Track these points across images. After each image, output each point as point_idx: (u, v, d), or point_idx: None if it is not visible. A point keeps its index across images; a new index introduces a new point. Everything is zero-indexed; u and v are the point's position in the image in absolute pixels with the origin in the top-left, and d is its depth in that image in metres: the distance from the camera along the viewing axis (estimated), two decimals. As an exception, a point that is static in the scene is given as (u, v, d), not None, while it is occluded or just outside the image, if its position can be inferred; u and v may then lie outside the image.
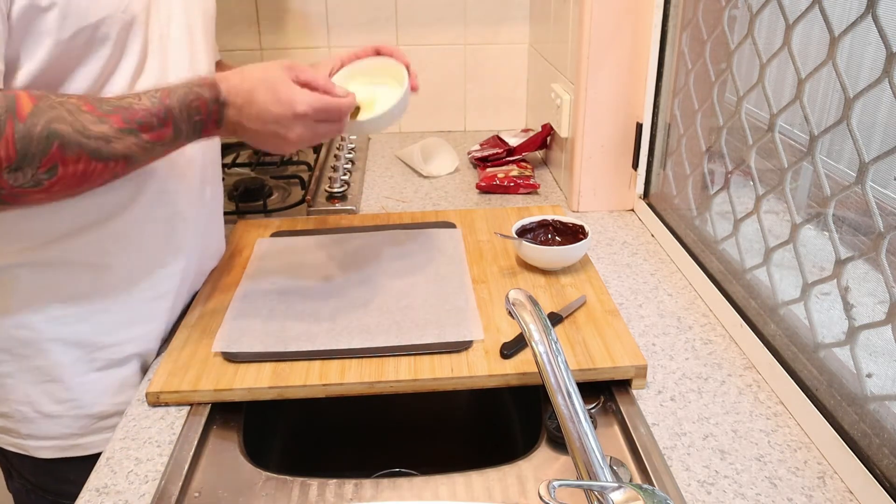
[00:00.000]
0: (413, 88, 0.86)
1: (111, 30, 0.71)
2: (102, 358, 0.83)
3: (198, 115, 0.71)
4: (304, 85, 0.74)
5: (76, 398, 0.83)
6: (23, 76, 0.67)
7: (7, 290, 0.78)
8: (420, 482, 0.71)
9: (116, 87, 0.74)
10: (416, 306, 0.92)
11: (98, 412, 0.85)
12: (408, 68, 0.87)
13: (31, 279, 0.78)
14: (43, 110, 0.62)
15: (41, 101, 0.63)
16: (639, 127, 1.21)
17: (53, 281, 0.78)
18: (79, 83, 0.71)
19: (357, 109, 0.84)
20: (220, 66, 1.01)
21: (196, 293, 0.97)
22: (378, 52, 0.91)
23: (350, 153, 1.52)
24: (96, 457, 0.74)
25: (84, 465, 0.76)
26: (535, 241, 1.05)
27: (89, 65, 0.71)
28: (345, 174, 1.40)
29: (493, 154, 1.46)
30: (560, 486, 0.53)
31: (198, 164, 0.88)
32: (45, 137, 0.61)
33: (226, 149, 1.55)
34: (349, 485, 0.70)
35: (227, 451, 0.75)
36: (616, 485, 0.54)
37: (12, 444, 0.86)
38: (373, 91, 0.86)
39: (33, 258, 0.77)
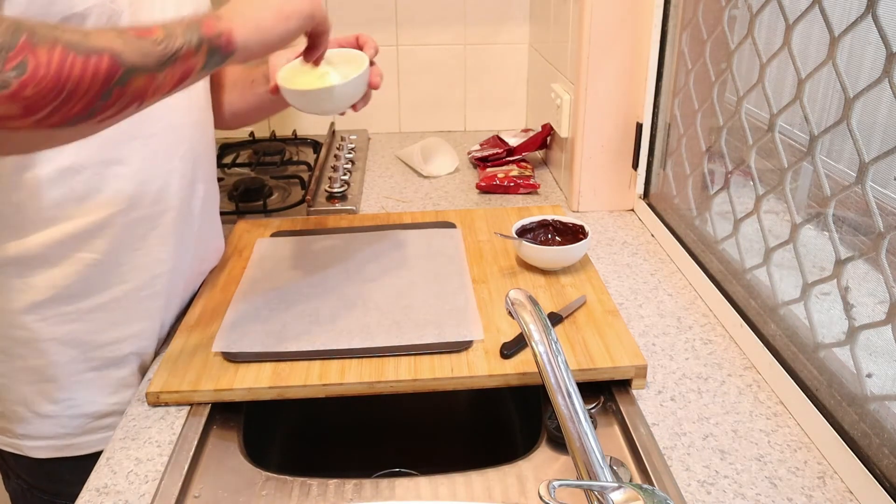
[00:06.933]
0: (373, 85, 0.85)
1: (99, 20, 0.70)
2: (98, 357, 0.83)
3: (186, 20, 0.61)
4: None
5: (72, 398, 0.83)
6: None
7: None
8: (420, 482, 0.71)
9: None
10: (416, 306, 0.92)
11: (94, 412, 0.85)
12: (373, 63, 0.86)
13: (22, 276, 0.78)
14: (11, 17, 0.55)
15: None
16: (639, 127, 1.21)
17: (45, 278, 0.78)
18: None
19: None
20: None
21: (195, 293, 0.97)
22: (357, 39, 0.90)
23: (350, 153, 1.52)
24: (93, 456, 0.74)
25: (81, 465, 0.76)
26: (535, 241, 1.05)
27: None
28: (345, 174, 1.40)
29: (493, 154, 1.46)
30: (560, 486, 0.53)
31: (189, 161, 0.87)
32: (11, 31, 0.52)
33: (226, 149, 1.55)
34: (349, 485, 0.70)
35: (227, 451, 0.75)
36: (616, 485, 0.54)
37: (8, 444, 0.86)
38: (332, 75, 0.85)
39: (24, 254, 0.77)
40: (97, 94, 0.56)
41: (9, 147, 0.63)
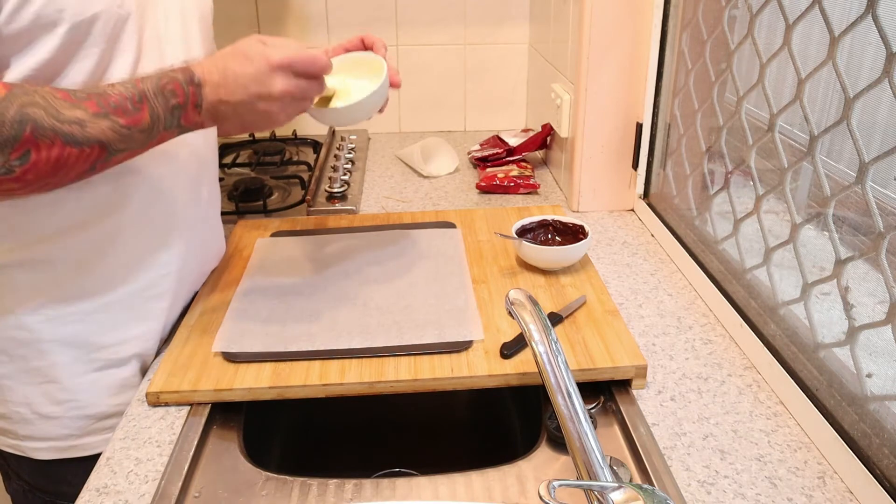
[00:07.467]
0: (394, 84, 0.86)
1: (106, 25, 0.71)
2: (101, 358, 0.83)
3: (174, 98, 0.69)
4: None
5: (74, 399, 0.83)
6: (16, 73, 0.67)
7: (2, 289, 0.78)
8: (420, 482, 0.71)
9: None
10: (416, 306, 0.92)
11: (96, 413, 0.85)
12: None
13: (26, 279, 0.78)
14: (16, 95, 0.61)
15: (15, 87, 0.62)
16: (639, 127, 1.21)
17: (49, 280, 0.78)
18: (72, 80, 0.71)
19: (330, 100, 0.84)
20: None
21: (196, 293, 0.97)
22: (363, 41, 0.90)
23: (350, 153, 1.52)
24: (94, 457, 0.74)
25: (82, 466, 0.76)
26: (535, 241, 1.05)
27: (84, 61, 0.71)
28: (345, 174, 1.40)
29: (493, 154, 1.46)
30: (560, 486, 0.53)
31: (194, 165, 0.87)
32: (17, 121, 0.60)
33: (226, 149, 1.55)
34: (349, 485, 0.70)
35: (227, 451, 0.75)
36: (616, 485, 0.54)
37: (10, 446, 0.86)
38: (351, 84, 0.86)
39: (28, 257, 0.77)
40: (87, 170, 0.67)
41: None
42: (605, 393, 0.81)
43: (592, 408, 0.79)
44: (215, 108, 0.72)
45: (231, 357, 0.82)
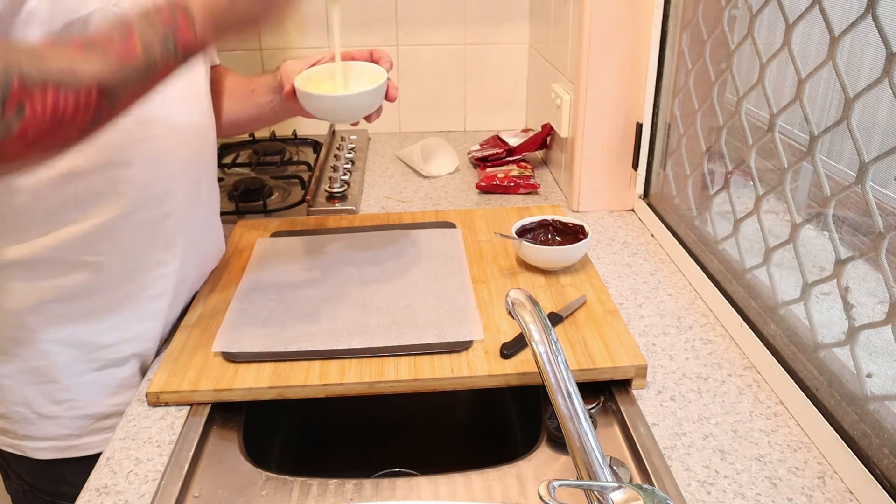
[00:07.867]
0: (390, 97, 0.88)
1: (102, 25, 0.71)
2: (100, 358, 0.83)
3: (163, 26, 0.63)
4: None
5: (74, 398, 0.83)
6: None
7: (2, 289, 0.78)
8: (420, 482, 0.71)
9: None
10: (416, 306, 0.92)
11: (96, 413, 0.85)
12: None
13: (25, 278, 0.78)
14: None
15: None
16: (639, 127, 1.21)
17: (48, 280, 0.78)
18: None
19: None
20: (215, 70, 1.00)
21: (196, 293, 0.97)
22: (371, 54, 0.91)
23: (350, 153, 1.52)
24: (94, 457, 0.74)
25: (82, 466, 0.76)
26: (535, 241, 1.05)
27: None
28: (345, 174, 1.40)
29: (493, 154, 1.46)
30: (560, 486, 0.53)
31: (193, 164, 0.87)
32: (2, 74, 0.55)
33: (226, 149, 1.55)
34: (349, 485, 0.70)
35: (227, 451, 0.75)
36: (616, 485, 0.54)
37: (9, 445, 0.86)
38: (350, 83, 0.89)
39: (27, 257, 0.77)
40: (90, 120, 0.61)
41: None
42: (605, 393, 0.81)
43: (592, 408, 0.79)
44: (210, 23, 0.67)
45: (231, 357, 0.82)
